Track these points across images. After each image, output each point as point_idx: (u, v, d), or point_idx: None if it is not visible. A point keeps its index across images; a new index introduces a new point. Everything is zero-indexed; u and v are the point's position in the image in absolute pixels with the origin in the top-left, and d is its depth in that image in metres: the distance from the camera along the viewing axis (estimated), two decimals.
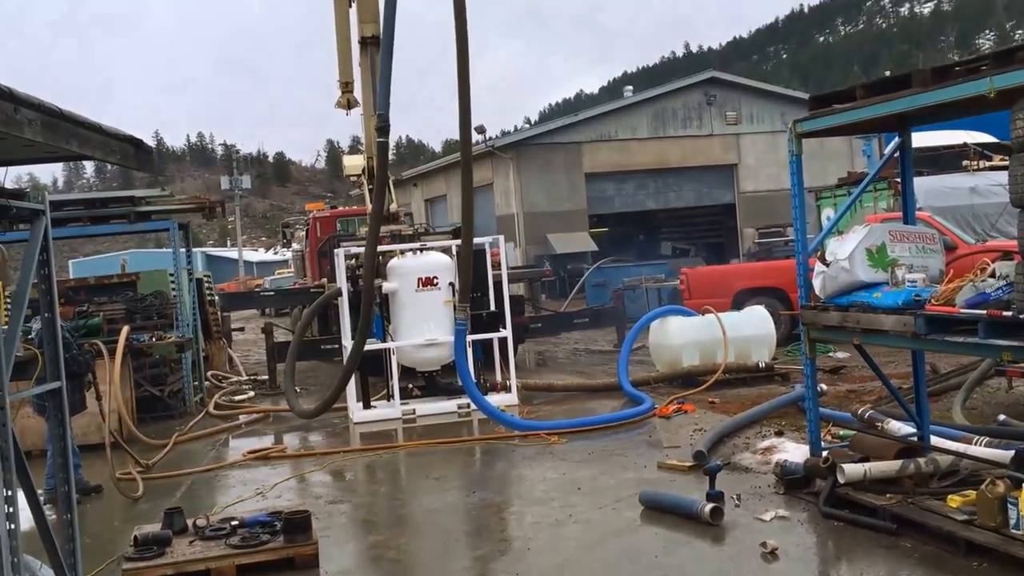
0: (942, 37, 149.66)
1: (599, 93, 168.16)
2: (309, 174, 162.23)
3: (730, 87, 37.89)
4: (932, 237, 7.08)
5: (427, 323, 12.55)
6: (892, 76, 6.67)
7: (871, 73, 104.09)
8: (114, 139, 4.86)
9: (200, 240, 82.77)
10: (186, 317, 14.55)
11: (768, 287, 17.04)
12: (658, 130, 36.66)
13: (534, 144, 35.88)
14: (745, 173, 37.38)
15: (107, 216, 14.60)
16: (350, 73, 15.79)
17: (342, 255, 13.05)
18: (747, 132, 37.31)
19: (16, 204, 5.07)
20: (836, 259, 6.90)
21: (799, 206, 7.68)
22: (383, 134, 11.42)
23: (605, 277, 25.63)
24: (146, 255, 56.74)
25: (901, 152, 7.58)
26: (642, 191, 36.99)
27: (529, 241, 34.60)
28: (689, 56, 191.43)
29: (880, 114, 6.51)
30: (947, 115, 7.20)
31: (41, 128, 3.93)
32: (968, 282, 5.83)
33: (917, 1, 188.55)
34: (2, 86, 3.62)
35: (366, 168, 16.06)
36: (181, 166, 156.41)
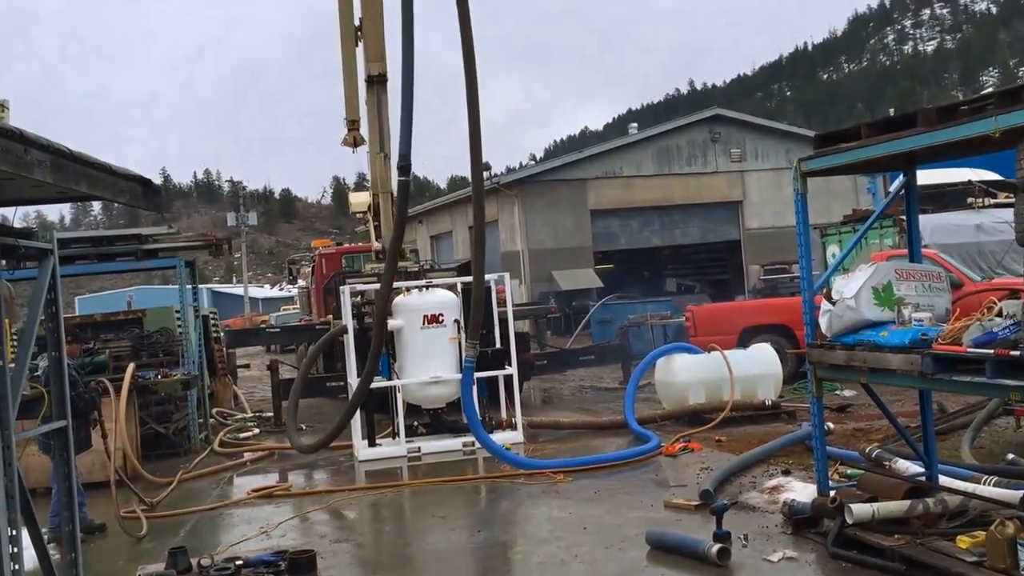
0: (946, 75, 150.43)
1: (604, 130, 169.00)
2: (315, 210, 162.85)
3: (735, 124, 38.08)
4: (938, 276, 7.07)
5: (433, 361, 12.54)
6: (897, 115, 6.70)
7: (875, 110, 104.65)
8: (123, 179, 4.90)
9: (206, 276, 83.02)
10: (192, 354, 14.55)
11: (774, 324, 17.02)
12: (663, 167, 36.80)
13: (539, 181, 36.03)
14: (750, 210, 37.46)
15: (114, 254, 14.65)
16: (356, 111, 15.88)
17: (348, 292, 13.07)
18: (752, 169, 37.45)
19: (24, 243, 5.10)
20: (842, 297, 6.89)
21: (804, 244, 7.68)
22: (404, 173, 11.43)
23: (610, 314, 25.63)
24: (152, 291, 56.83)
25: (906, 190, 7.59)
26: (647, 228, 37.07)
27: (534, 278, 34.65)
28: (694, 93, 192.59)
29: (885, 153, 6.52)
30: (952, 154, 7.22)
31: (51, 169, 3.96)
32: (975, 321, 5.81)
33: (920, 39, 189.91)
34: (12, 128, 3.65)
35: (372, 205, 16.13)
36: (188, 202, 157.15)
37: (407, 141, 11.37)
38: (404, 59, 11.45)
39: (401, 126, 11.38)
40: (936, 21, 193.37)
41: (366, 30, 15.07)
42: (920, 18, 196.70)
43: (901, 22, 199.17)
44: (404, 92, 11.41)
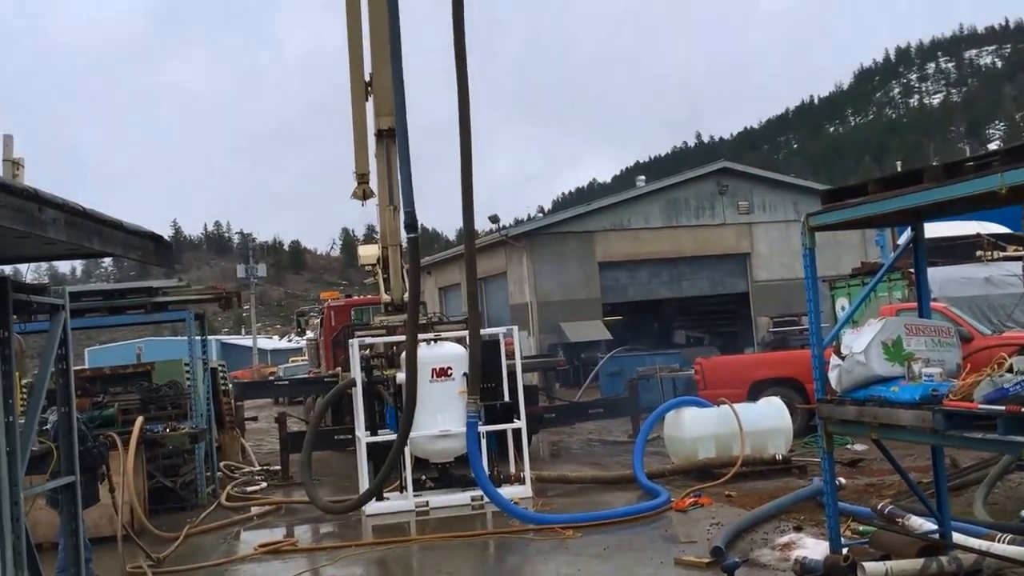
0: (952, 127, 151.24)
1: (612, 182, 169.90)
2: (324, 262, 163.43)
3: (742, 177, 38.28)
4: (948, 331, 7.06)
5: (441, 414, 12.49)
6: (903, 172, 6.74)
7: (883, 163, 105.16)
8: (135, 236, 4.94)
9: (215, 328, 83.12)
10: (200, 407, 14.54)
11: (784, 378, 16.94)
12: (671, 219, 36.94)
13: (548, 233, 36.18)
14: (758, 262, 37.51)
15: (125, 306, 14.71)
16: (366, 165, 16.02)
17: (357, 345, 13.08)
18: (760, 221, 37.57)
19: (37, 299, 5.14)
20: (852, 352, 6.87)
21: (813, 299, 7.69)
22: (412, 229, 11.57)
23: (619, 366, 25.57)
24: (161, 343, 56.97)
25: (914, 245, 7.61)
26: (655, 280, 37.12)
27: (543, 330, 34.64)
28: (701, 146, 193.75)
29: (892, 209, 6.55)
30: (959, 209, 7.24)
31: (64, 227, 4.01)
32: (985, 377, 5.79)
33: (926, 92, 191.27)
34: (27, 187, 3.70)
35: (381, 257, 16.21)
36: (198, 254, 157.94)
37: (411, 197, 11.54)
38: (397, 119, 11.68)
39: (403, 183, 11.55)
40: (941, 75, 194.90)
41: (376, 85, 15.27)
42: (925, 72, 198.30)
43: (907, 76, 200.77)
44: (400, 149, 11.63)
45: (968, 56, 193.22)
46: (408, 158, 11.65)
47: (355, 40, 15.70)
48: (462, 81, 10.93)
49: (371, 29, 15.21)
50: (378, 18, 14.65)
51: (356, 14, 15.69)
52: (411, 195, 11.61)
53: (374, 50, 15.26)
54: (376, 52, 15.14)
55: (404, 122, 11.73)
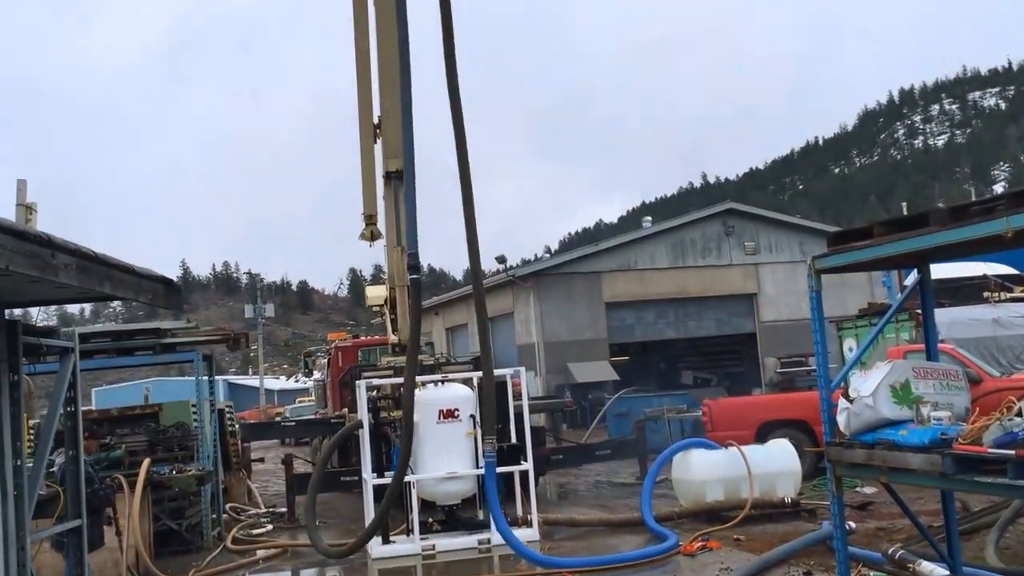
0: (957, 168, 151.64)
1: (618, 222, 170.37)
2: (332, 302, 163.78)
3: (748, 218, 38.38)
4: (956, 374, 7.04)
5: (448, 456, 12.44)
6: (909, 215, 6.76)
7: (888, 203, 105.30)
8: (145, 279, 4.98)
9: (222, 368, 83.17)
10: (207, 449, 14.52)
11: (792, 419, 16.87)
12: (677, 260, 37.01)
13: (554, 274, 36.24)
14: (765, 302, 37.50)
15: (133, 348, 14.75)
16: (374, 206, 16.13)
17: (364, 386, 13.07)
18: (766, 262, 37.61)
19: (48, 343, 5.17)
20: (860, 395, 6.85)
21: (820, 341, 7.68)
22: (415, 271, 11.66)
23: (627, 407, 25.48)
24: (169, 383, 56.93)
25: (921, 288, 7.62)
26: (662, 320, 37.10)
27: (550, 370, 34.59)
28: (707, 187, 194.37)
29: (898, 252, 6.57)
30: (965, 252, 7.26)
31: (76, 272, 4.05)
32: (995, 421, 5.77)
33: (930, 134, 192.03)
34: (40, 233, 3.74)
35: (388, 298, 16.26)
36: (206, 294, 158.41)
37: (414, 239, 11.64)
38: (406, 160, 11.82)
39: (407, 224, 11.67)
40: (945, 116, 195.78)
41: (385, 128, 15.42)
42: (929, 113, 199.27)
43: (911, 117, 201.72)
44: (407, 191, 11.76)
45: (972, 98, 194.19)
46: (414, 200, 11.77)
47: (364, 83, 15.87)
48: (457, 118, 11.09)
49: (380, 73, 15.39)
50: (387, 62, 14.83)
51: (366, 58, 15.89)
52: (415, 237, 11.72)
53: (383, 93, 15.43)
54: (385, 95, 15.31)
55: (412, 164, 11.84)
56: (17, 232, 3.45)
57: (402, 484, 11.32)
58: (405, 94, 11.91)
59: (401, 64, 11.95)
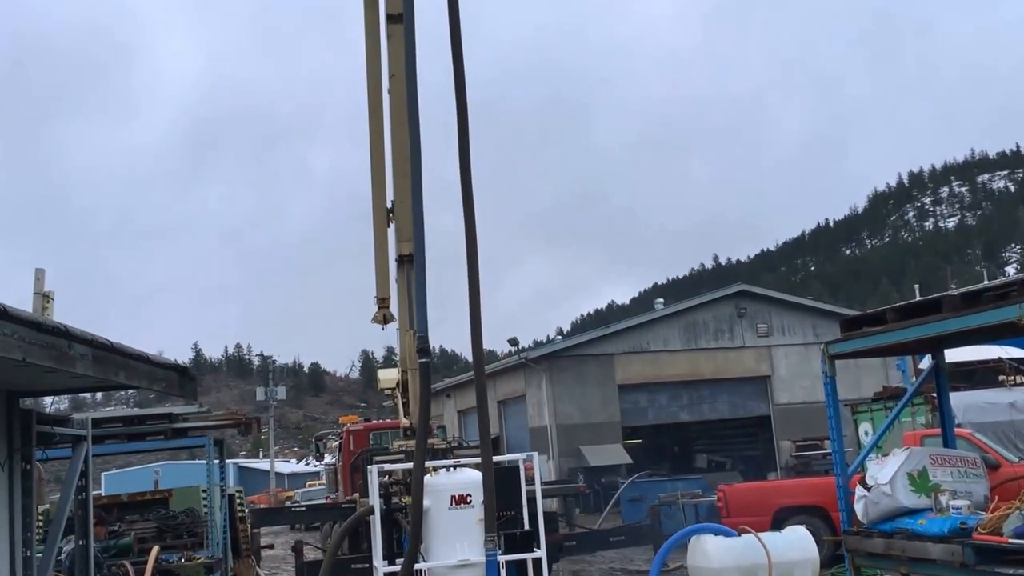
0: (968, 250, 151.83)
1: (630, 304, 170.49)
2: (343, 384, 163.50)
3: (760, 300, 38.36)
4: (974, 461, 6.98)
5: (460, 543, 12.24)
6: (922, 300, 6.78)
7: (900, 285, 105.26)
8: (160, 368, 5.01)
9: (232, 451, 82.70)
10: (216, 535, 14.36)
11: (809, 505, 16.63)
12: (690, 342, 36.89)
13: (567, 356, 36.14)
14: (779, 385, 37.25)
15: (144, 433, 14.71)
16: (387, 289, 16.19)
17: (375, 471, 12.96)
18: (779, 344, 37.47)
19: (61, 431, 5.18)
20: (877, 483, 6.79)
21: (835, 427, 7.64)
22: (424, 354, 11.67)
23: (640, 492, 25.17)
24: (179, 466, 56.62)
25: (936, 373, 7.60)
26: (676, 403, 36.86)
27: (562, 453, 34.28)
28: (718, 268, 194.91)
29: (912, 338, 6.57)
30: (978, 338, 7.26)
31: (92, 362, 4.07)
32: (1015, 510, 5.71)
33: (940, 216, 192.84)
34: (58, 324, 3.78)
35: (400, 382, 16.22)
36: (218, 376, 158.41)
37: (425, 322, 11.67)
38: (415, 242, 11.90)
39: (418, 306, 11.71)
40: (955, 198, 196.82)
41: (398, 212, 15.56)
42: (939, 195, 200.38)
43: (921, 199, 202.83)
44: (418, 274, 11.83)
45: (981, 180, 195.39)
46: (423, 282, 11.79)
47: (378, 168, 16.08)
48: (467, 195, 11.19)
49: (395, 158, 15.60)
50: (401, 148, 15.04)
51: (379, 143, 16.12)
52: (425, 319, 11.73)
53: (396, 178, 15.62)
54: (398, 180, 15.49)
55: (422, 247, 11.91)
56: (35, 323, 3.48)
57: (411, 573, 11.13)
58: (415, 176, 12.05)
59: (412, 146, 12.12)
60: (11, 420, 4.70)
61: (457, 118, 11.45)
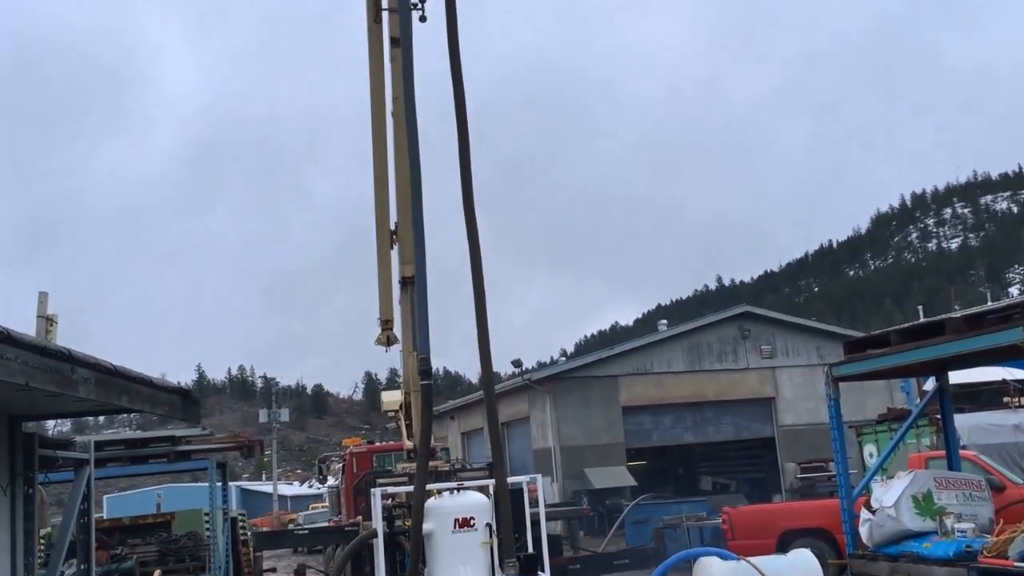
0: (972, 271, 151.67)
1: (634, 325, 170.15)
2: (347, 406, 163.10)
3: (764, 321, 38.31)
4: (979, 484, 6.95)
5: (464, 566, 12.18)
6: (925, 323, 6.78)
7: (904, 306, 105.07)
8: (163, 391, 5.01)
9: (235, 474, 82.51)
10: (219, 559, 14.32)
11: (814, 528, 16.55)
12: (694, 364, 36.82)
13: (571, 378, 36.07)
14: (783, 406, 37.14)
15: (147, 456, 14.69)
16: (390, 311, 16.19)
17: (378, 494, 12.92)
18: (783, 365, 37.38)
19: (63, 455, 5.17)
20: (882, 506, 6.76)
21: (840, 450, 7.62)
22: (426, 376, 11.66)
23: (645, 514, 25.07)
24: (182, 489, 56.46)
25: (940, 396, 7.58)
26: (680, 424, 36.74)
27: (566, 475, 34.16)
28: (722, 289, 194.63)
29: (915, 360, 6.56)
30: (982, 361, 7.24)
31: (95, 386, 4.07)
32: (1020, 533, 5.68)
33: (944, 237, 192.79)
34: (61, 348, 3.79)
35: (404, 404, 16.19)
36: (221, 398, 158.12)
37: (427, 343, 11.67)
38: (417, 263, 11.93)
39: (419, 327, 11.72)
40: (958, 220, 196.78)
41: (401, 234, 15.59)
42: (942, 217, 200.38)
43: (924, 221, 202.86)
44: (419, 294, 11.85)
45: (984, 202, 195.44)
46: (426, 303, 11.80)
47: (382, 191, 16.12)
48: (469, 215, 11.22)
49: (398, 180, 15.64)
50: (405, 170, 15.07)
51: (383, 166, 16.16)
52: (427, 341, 11.73)
53: (400, 200, 15.65)
54: (402, 202, 15.51)
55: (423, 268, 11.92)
56: (38, 347, 3.49)
57: None
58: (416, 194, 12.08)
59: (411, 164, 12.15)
60: (13, 444, 4.70)
61: (459, 141, 11.50)
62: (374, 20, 16.43)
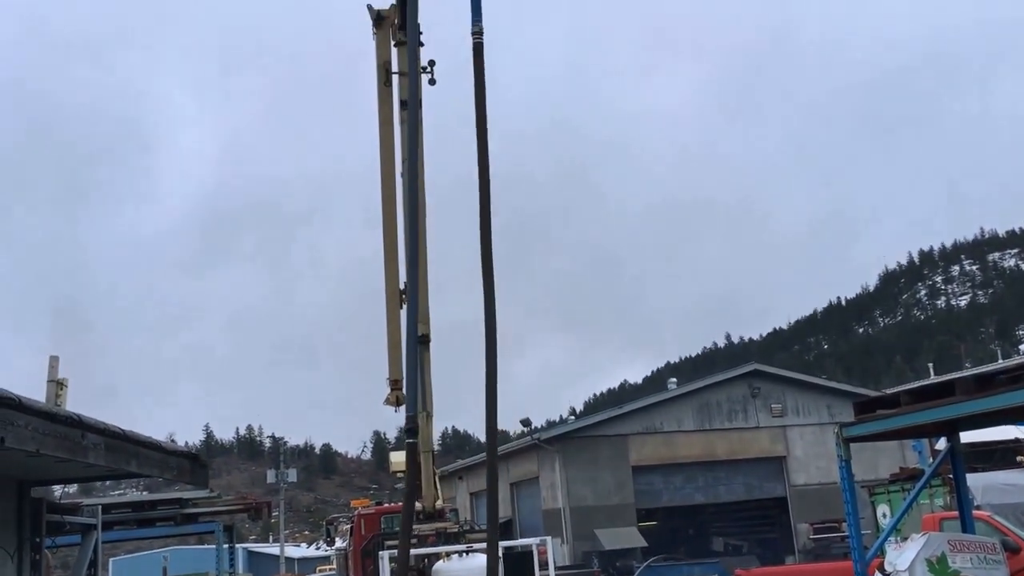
0: (982, 329, 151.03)
1: (643, 383, 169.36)
2: (355, 465, 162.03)
3: (774, 379, 38.12)
4: (993, 547, 6.87)
5: None
6: (936, 383, 6.75)
7: (914, 364, 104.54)
8: (172, 456, 5.00)
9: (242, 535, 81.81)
10: None
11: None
12: (704, 422, 36.58)
13: (580, 437, 35.85)
14: (795, 465, 36.80)
15: (154, 518, 14.62)
16: (399, 371, 16.19)
17: (387, 558, 12.82)
18: (794, 424, 37.12)
19: (71, 520, 5.15)
20: (896, 570, 6.68)
21: (852, 512, 7.55)
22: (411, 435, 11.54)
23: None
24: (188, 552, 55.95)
25: (952, 456, 7.52)
26: (690, 484, 36.39)
27: (576, 536, 33.78)
28: (731, 347, 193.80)
29: (926, 421, 6.53)
30: (994, 421, 7.21)
31: (104, 451, 4.08)
32: None
33: (952, 294, 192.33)
34: (71, 414, 3.79)
35: None
36: (229, 458, 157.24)
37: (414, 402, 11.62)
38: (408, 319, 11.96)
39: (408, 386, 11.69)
40: (966, 277, 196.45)
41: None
42: (950, 274, 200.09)
43: (932, 278, 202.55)
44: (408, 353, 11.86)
45: (991, 259, 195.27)
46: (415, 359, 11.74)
47: (391, 252, 16.22)
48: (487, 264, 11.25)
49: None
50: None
51: (393, 227, 16.29)
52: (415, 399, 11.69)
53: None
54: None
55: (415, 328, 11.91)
56: (49, 414, 3.50)
57: None
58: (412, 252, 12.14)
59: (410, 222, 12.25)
60: (22, 510, 4.69)
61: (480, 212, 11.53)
62: (384, 83, 16.70)
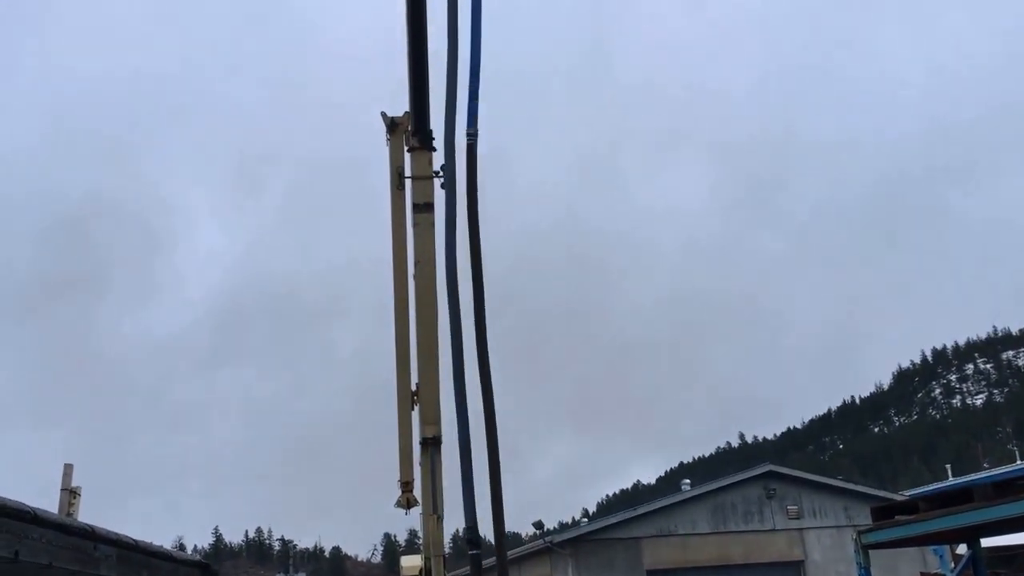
0: (998, 428, 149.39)
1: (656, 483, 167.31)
2: (365, 569, 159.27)
3: (789, 480, 37.55)
4: None
5: None
6: (953, 489, 6.68)
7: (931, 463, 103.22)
8: (182, 565, 4.95)
9: None
10: None
11: None
12: (719, 525, 35.93)
13: (593, 540, 35.19)
14: (814, 570, 35.96)
15: None
16: (410, 472, 16.02)
17: None
18: (811, 527, 36.42)
19: None
20: None
21: None
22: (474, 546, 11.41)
23: None
24: None
25: (973, 564, 7.39)
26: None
27: None
28: (744, 447, 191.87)
29: (944, 528, 6.44)
30: (1014, 528, 7.09)
31: (116, 562, 4.05)
32: None
33: (967, 393, 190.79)
34: (84, 525, 3.79)
35: (423, 568, 15.84)
36: (238, 562, 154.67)
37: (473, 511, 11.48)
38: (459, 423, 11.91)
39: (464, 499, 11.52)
40: (981, 376, 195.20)
41: (422, 394, 15.60)
42: (964, 372, 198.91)
43: (946, 376, 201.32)
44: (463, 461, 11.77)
45: (1006, 357, 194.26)
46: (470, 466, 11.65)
47: (403, 351, 16.22)
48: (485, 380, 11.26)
49: (419, 341, 15.77)
50: (426, 330, 15.22)
51: (405, 326, 16.32)
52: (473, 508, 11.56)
53: (421, 361, 15.73)
54: (423, 363, 15.60)
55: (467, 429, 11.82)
56: (62, 526, 3.49)
57: None
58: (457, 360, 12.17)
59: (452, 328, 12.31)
60: None
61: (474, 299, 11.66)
62: (397, 187, 16.96)
